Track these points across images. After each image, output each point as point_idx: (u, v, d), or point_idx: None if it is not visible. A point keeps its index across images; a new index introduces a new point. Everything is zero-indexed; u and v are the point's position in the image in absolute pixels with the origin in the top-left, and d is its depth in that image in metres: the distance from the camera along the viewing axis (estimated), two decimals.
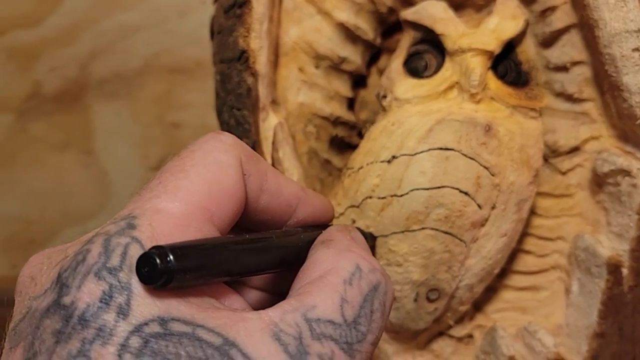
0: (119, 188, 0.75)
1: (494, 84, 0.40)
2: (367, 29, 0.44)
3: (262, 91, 0.40)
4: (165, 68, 0.74)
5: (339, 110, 0.45)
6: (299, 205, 0.32)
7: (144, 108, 0.75)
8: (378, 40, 0.46)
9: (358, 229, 0.37)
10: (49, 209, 0.76)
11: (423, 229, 0.39)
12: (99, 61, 0.75)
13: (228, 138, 0.28)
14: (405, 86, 0.40)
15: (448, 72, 0.40)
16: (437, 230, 0.39)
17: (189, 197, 0.26)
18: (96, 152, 0.75)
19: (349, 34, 0.44)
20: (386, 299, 0.29)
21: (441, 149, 0.38)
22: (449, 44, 0.40)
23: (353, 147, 0.45)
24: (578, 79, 0.42)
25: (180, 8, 0.73)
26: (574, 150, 0.43)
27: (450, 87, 0.40)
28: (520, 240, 0.43)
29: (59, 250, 0.26)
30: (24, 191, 0.77)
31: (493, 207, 0.39)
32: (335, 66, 0.45)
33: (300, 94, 0.44)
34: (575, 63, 0.41)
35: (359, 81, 0.47)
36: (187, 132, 0.75)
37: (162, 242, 0.24)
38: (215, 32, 0.43)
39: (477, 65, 0.39)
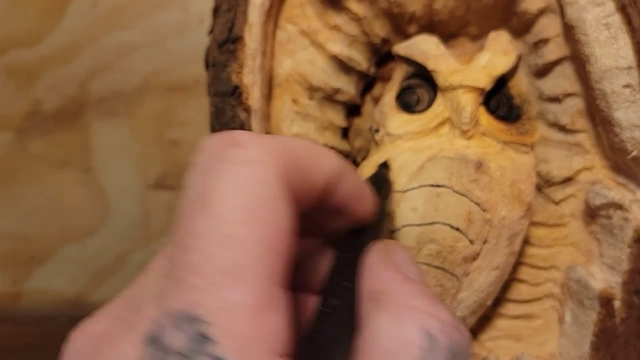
0: (118, 206, 0.75)
1: (486, 119, 0.40)
2: (360, 59, 0.44)
3: (255, 126, 0.40)
4: (164, 86, 0.75)
5: (332, 140, 0.45)
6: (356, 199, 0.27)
7: (142, 126, 0.75)
8: (372, 70, 0.46)
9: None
10: (48, 226, 0.76)
11: None
12: (98, 79, 0.75)
13: (252, 151, 0.20)
14: (397, 121, 0.41)
15: (440, 107, 0.40)
16: (429, 265, 0.39)
17: (255, 278, 0.19)
18: (95, 169, 0.75)
19: (343, 65, 0.44)
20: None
21: (432, 185, 0.38)
22: (440, 81, 0.40)
23: None
24: (571, 111, 0.42)
25: (178, 27, 0.74)
26: (567, 180, 0.43)
27: (442, 123, 0.40)
28: (514, 269, 0.43)
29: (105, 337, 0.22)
30: (23, 208, 0.77)
31: (485, 242, 0.39)
32: (329, 97, 0.45)
33: (294, 125, 0.44)
34: (567, 95, 0.41)
35: (353, 110, 0.47)
36: (186, 150, 0.75)
37: (247, 350, 0.19)
38: (210, 64, 0.43)
39: (468, 102, 0.39)
